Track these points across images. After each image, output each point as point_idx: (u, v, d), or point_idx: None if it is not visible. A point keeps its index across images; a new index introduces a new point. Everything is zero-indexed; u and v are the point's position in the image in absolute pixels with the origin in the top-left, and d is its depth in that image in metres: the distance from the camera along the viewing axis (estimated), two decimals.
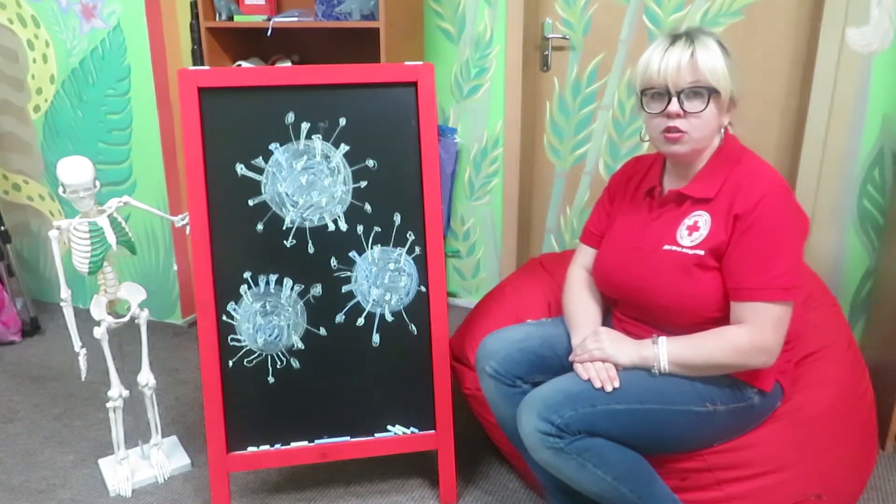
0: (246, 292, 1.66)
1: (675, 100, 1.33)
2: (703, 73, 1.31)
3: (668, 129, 1.35)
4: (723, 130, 1.41)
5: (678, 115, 1.33)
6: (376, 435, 1.73)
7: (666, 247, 1.40)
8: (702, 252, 1.35)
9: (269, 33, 2.51)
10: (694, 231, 1.38)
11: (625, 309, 1.53)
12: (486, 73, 2.65)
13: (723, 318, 1.36)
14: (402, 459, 1.93)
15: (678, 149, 1.37)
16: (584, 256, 1.63)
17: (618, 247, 1.51)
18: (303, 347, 1.69)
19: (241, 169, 1.62)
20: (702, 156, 1.40)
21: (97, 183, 1.67)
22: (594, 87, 2.61)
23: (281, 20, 2.45)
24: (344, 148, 1.63)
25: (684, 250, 1.37)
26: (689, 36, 1.33)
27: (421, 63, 1.62)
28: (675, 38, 1.34)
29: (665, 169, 1.50)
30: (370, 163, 1.65)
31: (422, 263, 1.69)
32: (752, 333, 1.31)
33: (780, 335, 1.33)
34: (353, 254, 1.67)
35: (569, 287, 1.62)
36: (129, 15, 2.50)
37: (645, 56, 1.37)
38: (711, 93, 1.32)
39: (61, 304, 1.71)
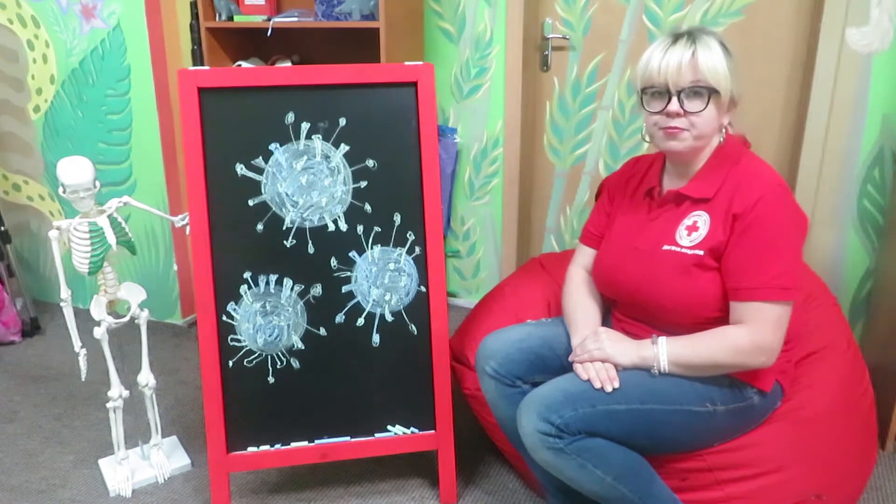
0: (246, 292, 1.66)
1: (675, 99, 1.33)
2: (704, 72, 1.31)
3: (668, 128, 1.35)
4: (723, 130, 1.41)
5: (678, 115, 1.33)
6: (376, 435, 1.73)
7: (665, 247, 1.40)
8: (701, 252, 1.35)
9: (269, 33, 2.51)
10: (693, 231, 1.38)
11: (624, 309, 1.53)
12: (486, 73, 2.65)
13: (722, 318, 1.35)
14: (402, 459, 1.93)
15: (676, 145, 1.36)
16: (584, 257, 1.63)
17: (617, 247, 1.51)
18: (303, 347, 1.69)
19: (241, 169, 1.62)
20: (700, 155, 1.40)
21: (97, 183, 1.67)
22: (594, 87, 2.61)
23: (281, 20, 2.45)
24: (344, 148, 1.63)
25: (683, 250, 1.37)
26: (692, 35, 1.33)
27: (421, 63, 1.62)
28: (676, 38, 1.34)
29: (664, 169, 1.50)
30: (370, 163, 1.65)
31: (422, 263, 1.69)
32: (752, 333, 1.31)
33: (780, 335, 1.33)
34: (353, 254, 1.67)
35: (568, 287, 1.62)
36: (129, 15, 2.50)
37: (646, 54, 1.37)
38: (711, 93, 1.32)
39: (61, 304, 1.71)
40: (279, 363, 1.69)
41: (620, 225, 1.53)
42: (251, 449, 1.70)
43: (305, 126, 1.62)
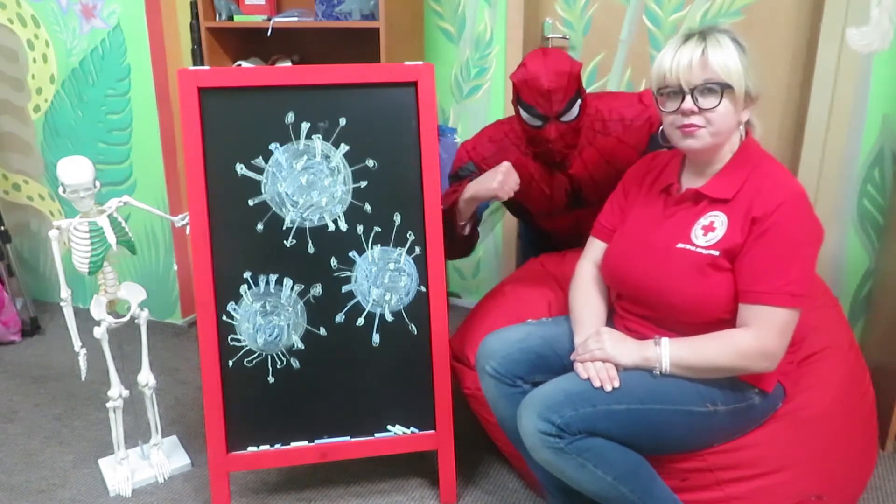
0: (246, 292, 1.66)
1: (688, 97, 1.33)
2: (715, 69, 1.31)
3: (684, 126, 1.35)
4: (743, 130, 1.40)
5: (692, 112, 1.33)
6: (376, 435, 1.73)
7: (679, 245, 1.39)
8: (716, 253, 1.34)
9: (269, 33, 2.51)
10: (710, 231, 1.37)
11: (629, 305, 1.52)
12: (486, 73, 2.65)
13: (730, 321, 1.35)
14: (402, 459, 1.93)
15: (693, 143, 1.36)
16: (595, 251, 1.61)
17: (629, 242, 1.50)
18: (303, 347, 1.69)
19: (241, 169, 1.62)
20: (719, 154, 1.39)
21: (97, 183, 1.67)
22: (594, 87, 2.60)
23: (281, 20, 2.45)
24: (344, 148, 1.63)
25: (698, 250, 1.37)
26: (702, 34, 1.34)
27: (421, 63, 1.62)
28: (687, 37, 1.35)
29: (683, 167, 1.49)
30: (370, 163, 1.65)
31: (422, 263, 1.69)
32: (757, 337, 1.31)
33: (784, 341, 1.33)
34: (353, 254, 1.67)
35: (576, 283, 1.61)
36: (129, 15, 2.50)
37: (659, 56, 1.38)
38: (724, 88, 1.32)
39: (61, 304, 1.72)
40: (279, 363, 1.69)
41: (634, 220, 1.52)
42: (251, 449, 1.70)
43: (305, 126, 1.62)
